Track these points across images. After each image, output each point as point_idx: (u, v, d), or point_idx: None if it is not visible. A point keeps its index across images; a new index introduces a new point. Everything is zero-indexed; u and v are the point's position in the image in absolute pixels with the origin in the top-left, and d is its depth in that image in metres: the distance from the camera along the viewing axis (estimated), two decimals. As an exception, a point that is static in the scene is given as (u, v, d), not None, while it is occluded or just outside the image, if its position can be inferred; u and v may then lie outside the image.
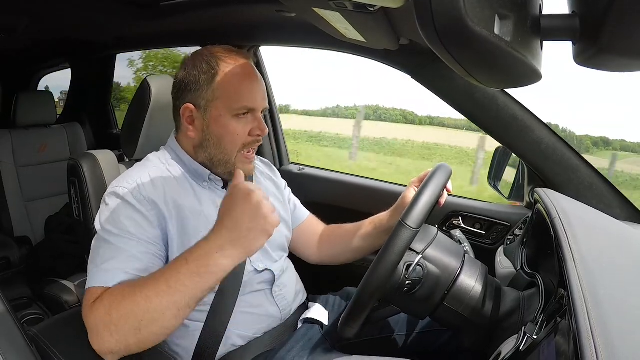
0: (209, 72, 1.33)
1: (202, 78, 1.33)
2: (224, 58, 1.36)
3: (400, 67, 1.83)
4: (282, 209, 1.65)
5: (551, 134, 1.64)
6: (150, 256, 1.22)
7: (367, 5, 0.95)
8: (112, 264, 1.16)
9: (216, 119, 1.34)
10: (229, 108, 1.33)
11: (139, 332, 1.04)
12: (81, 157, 1.59)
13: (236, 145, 1.36)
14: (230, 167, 1.38)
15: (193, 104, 1.35)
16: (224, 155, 1.37)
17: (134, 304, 1.03)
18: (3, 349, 1.04)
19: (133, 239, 1.21)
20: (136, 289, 1.06)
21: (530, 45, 0.62)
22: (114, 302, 1.06)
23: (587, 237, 1.12)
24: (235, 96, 1.33)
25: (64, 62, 3.99)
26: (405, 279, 1.22)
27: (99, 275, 1.15)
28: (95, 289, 1.14)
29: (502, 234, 1.96)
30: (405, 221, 1.16)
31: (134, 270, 1.16)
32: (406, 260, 1.23)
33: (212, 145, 1.37)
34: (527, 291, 1.30)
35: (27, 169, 3.15)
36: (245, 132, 1.35)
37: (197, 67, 1.35)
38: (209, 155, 1.38)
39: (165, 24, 2.35)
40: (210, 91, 1.33)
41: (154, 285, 1.05)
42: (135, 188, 1.28)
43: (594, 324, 0.69)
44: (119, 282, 1.13)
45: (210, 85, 1.33)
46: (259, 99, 1.36)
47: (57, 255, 2.75)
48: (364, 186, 2.43)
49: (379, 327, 1.59)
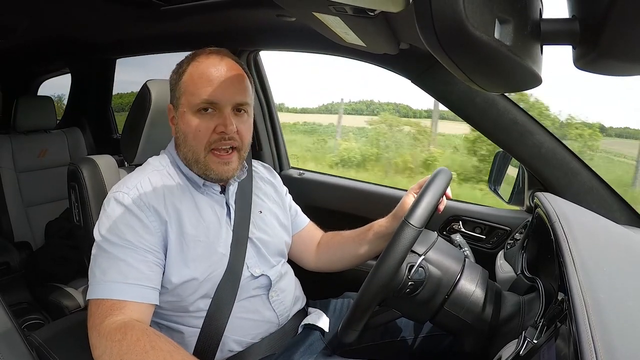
0: (178, 71, 1.37)
1: (174, 77, 1.38)
2: (198, 58, 1.37)
3: (400, 72, 1.83)
4: (282, 215, 1.65)
5: (551, 138, 1.64)
6: (149, 264, 1.23)
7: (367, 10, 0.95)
8: (112, 275, 1.17)
9: (182, 116, 1.35)
10: (189, 104, 1.33)
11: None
12: (81, 162, 1.59)
13: (200, 143, 1.34)
14: (201, 167, 1.36)
15: (171, 103, 1.39)
16: (192, 154, 1.36)
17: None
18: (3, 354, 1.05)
19: (131, 247, 1.21)
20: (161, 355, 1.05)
21: (531, 49, 0.62)
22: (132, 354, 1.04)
23: (587, 241, 1.12)
24: (195, 91, 1.32)
25: (63, 66, 4.00)
26: (407, 279, 1.22)
27: (101, 287, 1.17)
28: (102, 302, 1.15)
29: (503, 238, 1.96)
30: (409, 220, 1.16)
31: (135, 279, 1.18)
32: (408, 262, 1.23)
33: (182, 144, 1.37)
34: (528, 295, 1.30)
35: (27, 174, 3.15)
36: (209, 128, 1.33)
37: (176, 67, 1.40)
38: (183, 155, 1.39)
39: (165, 28, 2.36)
40: (178, 88, 1.36)
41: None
42: (135, 194, 1.28)
43: (594, 328, 0.69)
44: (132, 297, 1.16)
45: (177, 83, 1.36)
46: (223, 92, 1.33)
47: (57, 261, 2.75)
48: (364, 191, 2.43)
49: (380, 332, 1.58)
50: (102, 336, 1.08)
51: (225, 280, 1.35)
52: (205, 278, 1.32)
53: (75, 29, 2.74)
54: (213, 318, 1.34)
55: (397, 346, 1.57)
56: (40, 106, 3.28)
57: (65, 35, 2.98)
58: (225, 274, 1.36)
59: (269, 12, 1.82)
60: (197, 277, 1.30)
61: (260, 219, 1.53)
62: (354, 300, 1.20)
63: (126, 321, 1.11)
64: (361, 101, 19.93)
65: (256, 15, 1.96)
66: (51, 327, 1.39)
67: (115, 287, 1.16)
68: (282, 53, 2.26)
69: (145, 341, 1.07)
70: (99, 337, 1.09)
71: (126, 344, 1.06)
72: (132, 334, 1.08)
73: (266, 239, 1.50)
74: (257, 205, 1.55)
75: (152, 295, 1.22)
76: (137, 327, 1.10)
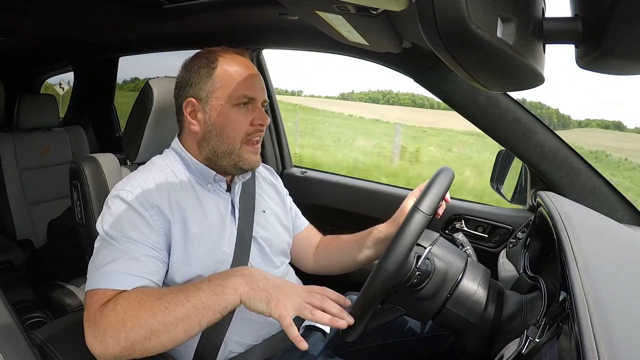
0: (209, 66, 1.37)
1: (202, 72, 1.37)
2: (222, 54, 1.40)
3: (403, 70, 1.83)
4: (283, 216, 1.65)
5: (554, 137, 1.64)
6: (152, 259, 1.22)
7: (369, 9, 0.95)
8: (114, 266, 1.16)
9: (217, 109, 1.36)
10: (228, 97, 1.35)
11: (148, 341, 1.05)
12: (83, 161, 1.58)
13: (239, 134, 1.37)
14: (234, 157, 1.39)
15: (194, 97, 1.38)
16: (227, 146, 1.37)
17: (151, 314, 1.05)
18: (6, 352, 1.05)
19: (134, 243, 1.21)
20: (155, 299, 1.08)
21: (533, 48, 0.62)
22: (129, 309, 1.07)
23: (589, 240, 1.12)
24: (234, 85, 1.35)
25: (67, 64, 4.00)
26: (415, 269, 1.22)
27: (101, 278, 1.15)
28: (100, 292, 1.14)
29: (505, 237, 1.96)
30: (419, 207, 1.16)
31: (139, 272, 1.17)
32: (416, 252, 1.23)
33: (214, 137, 1.38)
34: (530, 294, 1.30)
35: (29, 172, 3.16)
36: (247, 121, 1.37)
37: (197, 64, 1.39)
38: (212, 148, 1.39)
39: (168, 26, 2.36)
40: (211, 82, 1.36)
41: (173, 297, 1.07)
42: (139, 192, 1.28)
43: (596, 327, 0.69)
44: (127, 286, 1.14)
45: (210, 77, 1.36)
46: (258, 89, 1.39)
47: (60, 259, 2.75)
48: (366, 189, 2.43)
49: (382, 333, 1.58)
50: (98, 317, 1.09)
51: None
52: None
53: (78, 28, 2.74)
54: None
55: (399, 347, 1.57)
56: (43, 104, 3.28)
57: (68, 35, 2.98)
58: None
59: (272, 10, 1.82)
60: (200, 275, 1.30)
61: (264, 218, 1.53)
62: (361, 289, 1.19)
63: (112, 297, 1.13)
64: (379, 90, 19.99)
65: (259, 14, 1.96)
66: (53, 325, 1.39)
67: (117, 277, 1.15)
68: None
69: (136, 293, 1.11)
70: (96, 321, 1.09)
71: (120, 306, 1.08)
72: (121, 297, 1.11)
73: (270, 238, 1.51)
74: (261, 205, 1.55)
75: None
76: (123, 293, 1.13)
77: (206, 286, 1.09)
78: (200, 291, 1.08)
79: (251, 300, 1.09)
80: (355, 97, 16.76)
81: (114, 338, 1.05)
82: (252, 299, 1.08)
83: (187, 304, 1.06)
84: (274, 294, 1.08)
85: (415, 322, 1.59)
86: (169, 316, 1.05)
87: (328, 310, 1.10)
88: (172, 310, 1.05)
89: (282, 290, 1.10)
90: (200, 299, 1.07)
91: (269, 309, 1.07)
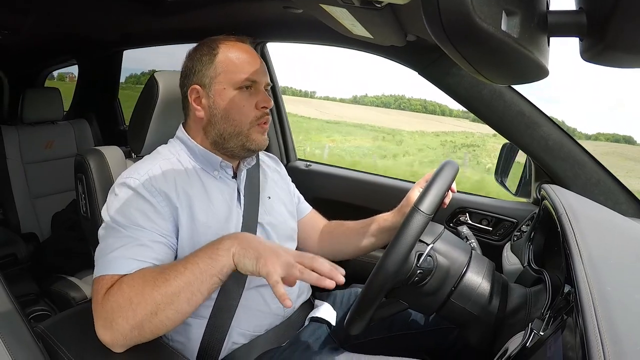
0: (211, 53, 1.40)
1: (204, 59, 1.40)
2: (224, 41, 1.43)
3: (407, 64, 1.83)
4: (288, 201, 1.66)
5: (558, 130, 1.64)
6: (161, 245, 1.23)
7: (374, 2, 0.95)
8: (122, 252, 1.17)
9: (220, 93, 1.38)
10: (231, 81, 1.38)
11: (155, 316, 1.06)
12: (88, 153, 1.59)
13: (245, 117, 1.39)
14: (242, 138, 1.40)
15: (198, 84, 1.40)
16: (233, 128, 1.39)
17: (154, 287, 1.07)
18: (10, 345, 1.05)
19: (141, 229, 1.21)
20: (157, 273, 1.10)
21: (537, 41, 0.62)
22: (134, 287, 1.08)
23: (594, 233, 1.12)
24: (236, 69, 1.38)
25: (70, 58, 4.00)
26: (416, 267, 1.22)
27: (110, 263, 1.16)
28: (107, 277, 1.14)
29: (509, 230, 1.96)
30: (419, 207, 1.16)
31: (146, 257, 1.18)
32: (417, 250, 1.23)
33: (220, 120, 1.39)
34: (534, 287, 1.30)
35: (33, 165, 3.16)
36: (251, 104, 1.39)
37: (199, 52, 1.42)
38: (218, 131, 1.40)
39: (171, 20, 2.36)
40: (213, 68, 1.38)
41: (173, 268, 1.09)
42: (146, 179, 1.29)
43: (600, 320, 0.69)
44: (134, 270, 1.14)
45: (212, 62, 1.39)
46: (259, 72, 1.41)
47: (64, 252, 2.76)
48: (371, 182, 2.43)
49: (386, 326, 1.58)
50: (105, 301, 1.10)
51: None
52: None
53: (82, 22, 2.74)
54: (221, 307, 1.34)
55: (403, 339, 1.58)
56: (47, 98, 3.29)
57: (72, 29, 2.99)
58: None
59: (276, 3, 1.82)
60: None
61: (270, 204, 1.54)
62: (362, 289, 1.20)
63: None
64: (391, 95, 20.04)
65: (263, 7, 1.96)
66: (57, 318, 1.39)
67: (124, 262, 1.15)
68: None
69: (139, 272, 1.13)
70: (103, 305, 1.10)
71: (125, 285, 1.09)
72: (125, 278, 1.12)
73: (276, 224, 1.51)
74: (266, 191, 1.56)
75: None
76: (127, 275, 1.13)
77: (202, 252, 1.11)
78: (197, 258, 1.10)
79: (241, 260, 1.09)
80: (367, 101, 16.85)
81: (123, 317, 1.06)
82: (243, 257, 1.09)
83: (185, 272, 1.08)
84: (264, 253, 1.08)
85: (419, 315, 1.59)
86: (170, 287, 1.06)
87: (318, 269, 1.09)
88: (172, 280, 1.07)
89: (273, 250, 1.09)
90: (197, 265, 1.08)
91: (257, 267, 1.06)
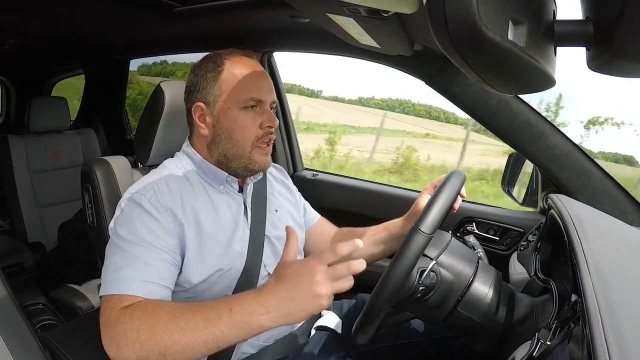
0: (215, 70, 1.37)
1: (209, 76, 1.37)
2: (229, 57, 1.40)
3: (414, 73, 1.83)
4: (296, 213, 1.65)
5: (565, 140, 1.63)
6: (165, 264, 1.22)
7: (380, 11, 0.95)
8: (127, 271, 1.16)
9: (225, 113, 1.36)
10: (236, 100, 1.35)
11: (163, 357, 1.03)
12: (94, 163, 1.59)
13: (248, 138, 1.37)
14: (244, 160, 1.38)
15: (203, 101, 1.38)
16: (237, 149, 1.37)
17: (166, 331, 1.03)
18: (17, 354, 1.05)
19: (148, 246, 1.21)
20: (171, 316, 1.05)
21: (544, 50, 0.62)
22: (145, 321, 1.05)
23: (600, 243, 1.12)
24: (241, 88, 1.35)
25: (77, 67, 4.02)
26: (418, 285, 1.21)
27: (114, 283, 1.15)
28: (115, 298, 1.13)
29: (516, 239, 1.96)
30: (419, 227, 1.15)
31: (151, 278, 1.17)
32: (420, 267, 1.22)
33: (223, 140, 1.38)
34: (541, 297, 1.30)
35: (40, 174, 3.16)
36: (255, 124, 1.37)
37: (204, 67, 1.39)
38: (222, 151, 1.39)
39: (179, 29, 2.37)
40: (217, 86, 1.36)
41: (191, 320, 1.04)
42: (152, 195, 1.28)
43: (607, 330, 0.69)
44: (146, 294, 1.14)
45: (216, 80, 1.36)
46: (265, 91, 1.38)
47: (70, 261, 2.76)
48: (378, 192, 2.43)
49: (393, 333, 1.58)
50: (113, 324, 1.08)
51: (243, 280, 1.35)
52: (223, 274, 1.33)
53: (88, 30, 2.75)
54: None
55: (410, 347, 1.57)
56: (54, 107, 3.28)
57: (78, 37, 3.00)
58: (243, 273, 1.36)
59: (283, 13, 1.82)
60: (215, 272, 1.31)
61: (277, 217, 1.54)
62: (366, 304, 1.20)
63: (129, 304, 1.11)
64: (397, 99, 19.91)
65: (270, 17, 1.97)
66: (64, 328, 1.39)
67: (130, 283, 1.14)
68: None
69: (153, 306, 1.09)
70: (112, 327, 1.08)
71: (137, 317, 1.06)
72: (138, 307, 1.09)
73: (283, 237, 1.50)
74: (273, 204, 1.55)
75: (165, 293, 1.21)
76: (141, 302, 1.11)
77: (227, 317, 1.03)
78: (221, 322, 1.03)
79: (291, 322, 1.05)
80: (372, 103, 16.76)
81: (129, 347, 1.04)
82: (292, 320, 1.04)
83: (205, 331, 1.02)
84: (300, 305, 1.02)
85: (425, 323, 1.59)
86: (185, 339, 1.02)
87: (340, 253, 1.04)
88: (188, 333, 1.02)
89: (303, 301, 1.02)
90: (221, 330, 1.03)
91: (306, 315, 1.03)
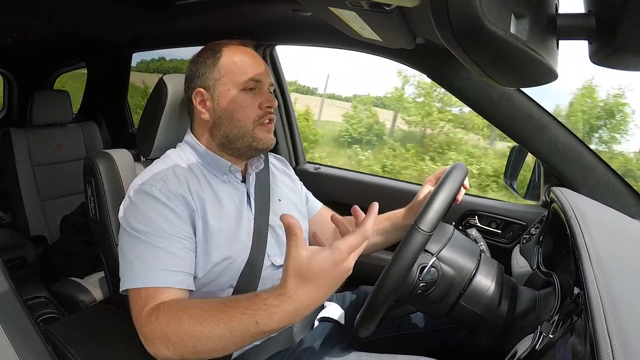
0: (214, 56, 1.42)
1: (208, 62, 1.42)
2: (227, 45, 1.44)
3: (416, 67, 1.83)
4: (299, 203, 1.66)
5: (567, 133, 1.63)
6: (186, 250, 1.24)
7: (382, 5, 0.95)
8: (151, 263, 1.18)
9: (225, 95, 1.39)
10: (235, 82, 1.39)
11: (196, 354, 1.05)
12: (97, 156, 1.58)
13: (249, 117, 1.39)
14: (248, 139, 1.40)
15: (202, 87, 1.41)
16: (239, 129, 1.40)
17: (191, 335, 1.03)
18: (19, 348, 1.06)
19: (166, 235, 1.22)
20: (193, 322, 1.04)
21: (546, 44, 0.62)
22: (170, 323, 1.06)
23: (603, 236, 1.12)
24: (239, 70, 1.39)
25: (80, 61, 4.02)
26: (419, 281, 1.21)
27: (142, 275, 1.17)
28: (142, 291, 1.16)
29: (518, 233, 1.96)
30: (419, 225, 1.15)
31: (175, 267, 1.19)
32: (420, 263, 1.22)
33: (225, 122, 1.40)
34: (543, 290, 1.30)
35: (43, 167, 3.16)
36: (255, 105, 1.40)
37: (202, 56, 1.44)
38: (224, 133, 1.41)
39: (181, 23, 2.37)
40: (216, 70, 1.40)
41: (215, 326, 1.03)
42: (162, 185, 1.29)
43: (610, 323, 0.69)
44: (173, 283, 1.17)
45: (215, 65, 1.41)
46: (262, 73, 1.43)
47: (73, 255, 2.76)
48: (381, 185, 2.43)
49: (396, 325, 1.59)
50: (144, 325, 1.10)
51: (247, 270, 1.36)
52: (227, 265, 1.33)
53: (90, 25, 2.75)
54: None
55: (413, 339, 1.58)
56: (57, 100, 3.28)
57: (80, 32, 3.00)
58: (248, 263, 1.37)
59: (285, 6, 1.82)
60: (220, 262, 1.31)
61: (280, 206, 1.55)
62: (367, 299, 1.20)
63: (156, 304, 1.13)
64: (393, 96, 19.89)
65: (272, 10, 1.97)
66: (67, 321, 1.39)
67: (157, 274, 1.17)
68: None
69: (176, 308, 1.09)
70: (143, 327, 1.11)
71: (162, 319, 1.07)
72: (162, 308, 1.10)
73: None
74: (276, 194, 1.56)
75: (189, 281, 1.24)
76: (164, 303, 1.12)
77: (254, 329, 1.01)
78: (248, 333, 1.01)
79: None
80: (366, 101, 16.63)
81: (163, 345, 1.06)
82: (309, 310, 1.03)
83: (232, 339, 1.02)
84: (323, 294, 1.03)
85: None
86: (211, 344, 1.03)
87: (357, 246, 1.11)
88: (216, 341, 1.03)
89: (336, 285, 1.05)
90: (251, 335, 1.02)
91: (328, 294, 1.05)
